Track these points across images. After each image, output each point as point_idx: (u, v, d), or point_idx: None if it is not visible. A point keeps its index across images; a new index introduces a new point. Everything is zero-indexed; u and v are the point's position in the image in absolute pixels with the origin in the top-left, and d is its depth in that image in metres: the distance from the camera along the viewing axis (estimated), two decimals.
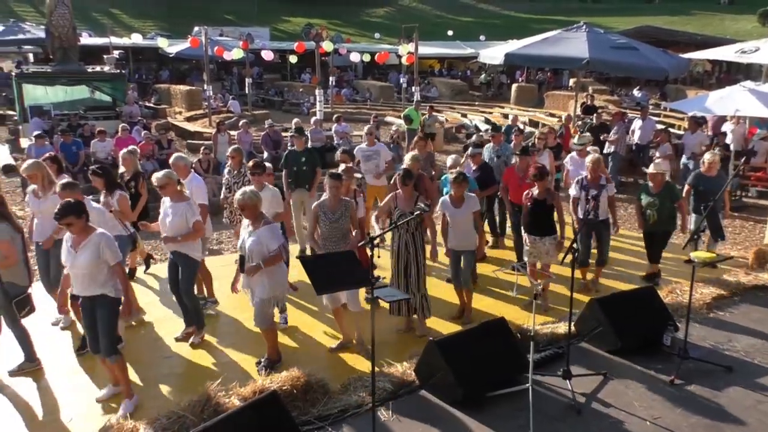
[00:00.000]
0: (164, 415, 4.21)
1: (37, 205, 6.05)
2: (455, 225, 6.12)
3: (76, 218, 4.49)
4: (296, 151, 8.35)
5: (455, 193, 6.10)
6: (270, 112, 23.68)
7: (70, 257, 4.62)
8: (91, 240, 4.59)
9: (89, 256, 4.56)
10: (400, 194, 5.94)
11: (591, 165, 6.86)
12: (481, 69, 33.50)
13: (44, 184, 6.04)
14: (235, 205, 5.29)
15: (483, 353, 4.95)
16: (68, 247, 4.64)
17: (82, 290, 4.69)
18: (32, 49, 27.99)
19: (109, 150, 12.97)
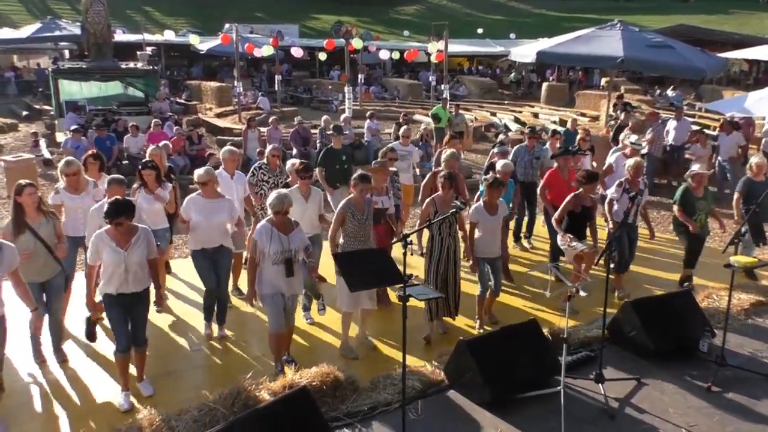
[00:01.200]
0: (195, 407, 4.25)
1: (72, 201, 6.06)
2: (488, 232, 5.89)
3: (126, 218, 4.50)
4: (335, 149, 8.24)
5: (490, 200, 5.87)
6: (299, 110, 23.80)
7: (118, 256, 4.55)
8: (139, 236, 4.63)
9: (142, 252, 4.61)
10: (440, 197, 5.80)
11: (632, 169, 6.66)
12: (511, 67, 33.21)
13: (80, 180, 6.10)
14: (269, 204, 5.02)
15: (513, 354, 4.89)
16: (113, 247, 4.56)
17: (132, 287, 4.65)
18: (68, 45, 28.53)
19: (141, 145, 13.16)
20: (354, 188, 5.58)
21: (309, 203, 6.05)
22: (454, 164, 6.73)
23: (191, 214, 5.70)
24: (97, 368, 5.39)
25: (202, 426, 4.05)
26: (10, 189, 12.04)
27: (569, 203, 6.31)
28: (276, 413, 3.85)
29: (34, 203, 5.15)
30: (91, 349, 5.65)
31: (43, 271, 5.24)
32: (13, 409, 4.72)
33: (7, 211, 10.96)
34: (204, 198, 5.73)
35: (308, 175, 6.10)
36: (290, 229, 5.03)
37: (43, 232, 5.18)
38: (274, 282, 5.00)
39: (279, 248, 4.92)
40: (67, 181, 6.04)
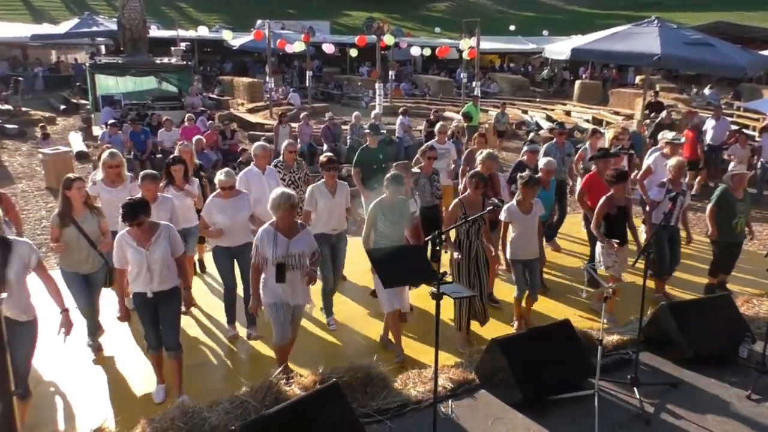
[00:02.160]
0: (227, 399, 4.28)
1: (109, 194, 6.09)
2: (523, 233, 5.72)
3: (146, 216, 4.48)
4: (371, 148, 8.01)
5: (525, 199, 5.69)
6: (329, 106, 23.86)
7: (140, 256, 4.51)
8: (161, 234, 4.57)
9: (164, 250, 4.55)
10: (468, 198, 5.61)
11: (674, 168, 6.47)
12: (543, 65, 32.81)
13: (121, 174, 6.14)
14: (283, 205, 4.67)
15: (546, 355, 4.82)
16: (135, 247, 4.51)
17: (158, 286, 4.59)
18: (104, 41, 29.07)
19: (175, 139, 13.30)
20: (386, 188, 5.46)
21: (336, 197, 5.99)
22: (492, 165, 6.50)
23: (215, 218, 5.66)
24: (134, 361, 5.47)
25: (234, 418, 4.07)
26: (48, 181, 12.34)
27: (603, 207, 6.08)
28: (307, 408, 3.85)
29: (81, 197, 5.22)
30: (128, 343, 5.75)
31: (85, 264, 5.31)
32: (46, 397, 4.81)
33: (45, 202, 11.25)
34: (224, 199, 5.71)
35: (333, 167, 6.04)
36: (295, 233, 4.75)
37: (86, 226, 5.22)
38: (276, 290, 4.73)
39: (276, 253, 4.62)
40: (106, 174, 6.07)
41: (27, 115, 19.83)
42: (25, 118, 19.37)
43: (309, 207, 6.01)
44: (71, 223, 5.16)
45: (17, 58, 31.16)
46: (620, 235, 6.02)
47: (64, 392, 4.99)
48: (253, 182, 6.53)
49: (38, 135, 16.62)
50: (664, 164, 7.18)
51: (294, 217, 4.80)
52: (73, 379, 5.16)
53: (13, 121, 18.27)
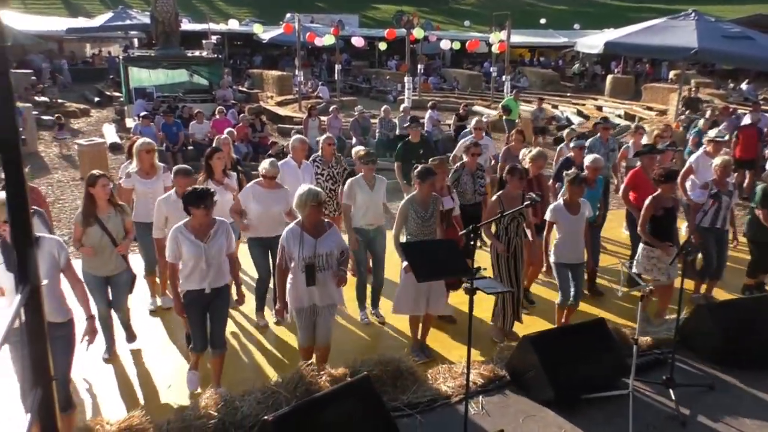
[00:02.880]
0: (259, 389, 4.31)
1: (144, 186, 6.06)
2: (570, 235, 5.47)
3: (212, 203, 4.40)
4: (413, 142, 7.87)
5: (572, 198, 5.43)
6: (357, 99, 23.89)
7: (198, 250, 4.37)
8: (218, 228, 4.47)
9: (221, 245, 4.45)
10: (507, 194, 5.45)
11: (720, 168, 6.20)
12: (574, 59, 32.35)
13: (154, 164, 6.14)
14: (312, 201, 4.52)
15: (579, 353, 4.75)
16: (192, 240, 4.39)
17: (213, 282, 4.48)
18: (137, 34, 29.50)
19: (206, 131, 13.47)
20: (418, 183, 5.26)
21: (375, 192, 5.91)
22: (542, 164, 6.30)
23: (250, 205, 5.64)
24: (165, 355, 5.54)
25: (265, 408, 4.09)
26: (83, 171, 12.56)
27: (649, 207, 5.82)
28: (338, 400, 3.86)
29: (106, 195, 5.01)
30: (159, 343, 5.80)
31: (107, 265, 5.12)
32: (78, 387, 4.90)
33: (80, 193, 11.46)
34: (264, 188, 5.69)
35: (371, 160, 5.95)
36: (322, 231, 4.58)
37: (111, 225, 5.04)
38: (303, 295, 4.56)
39: (303, 253, 4.45)
40: (141, 160, 6.05)
41: (63, 106, 20.24)
42: (62, 109, 19.77)
43: (348, 201, 5.91)
44: (95, 222, 4.98)
45: (53, 51, 31.80)
46: (666, 238, 5.79)
47: (95, 382, 5.06)
48: (288, 175, 6.45)
49: (74, 126, 16.98)
50: (708, 163, 6.86)
51: (321, 216, 4.65)
52: (104, 371, 5.23)
53: (49, 112, 18.65)
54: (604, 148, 7.92)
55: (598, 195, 6.62)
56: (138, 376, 5.17)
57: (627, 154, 8.24)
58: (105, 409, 4.62)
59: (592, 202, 6.23)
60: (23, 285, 3.00)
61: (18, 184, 2.94)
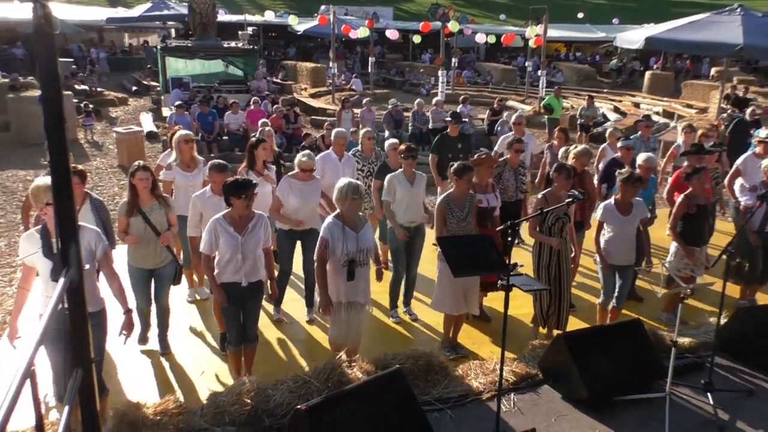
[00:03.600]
0: (291, 378, 4.33)
1: (184, 179, 6.05)
2: (619, 236, 5.31)
3: (253, 194, 4.37)
4: (451, 136, 7.80)
5: (625, 198, 5.28)
6: (390, 92, 23.85)
7: (235, 242, 4.33)
8: (257, 222, 4.45)
9: (259, 239, 4.42)
10: (552, 193, 5.32)
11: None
12: (611, 54, 31.77)
13: (194, 157, 6.14)
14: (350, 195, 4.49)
15: (614, 354, 4.66)
16: (231, 232, 4.36)
17: (249, 277, 4.44)
18: (175, 24, 29.87)
19: (240, 122, 13.59)
20: (456, 180, 5.11)
21: (414, 187, 5.80)
22: (586, 162, 6.17)
23: (290, 199, 5.58)
24: (198, 344, 5.61)
25: (297, 397, 4.11)
26: (120, 159, 12.82)
27: (681, 206, 5.70)
28: (370, 392, 3.86)
29: (146, 187, 4.98)
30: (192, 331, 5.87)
31: (152, 257, 5.11)
32: (113, 375, 5.00)
33: (117, 180, 11.70)
34: (300, 181, 5.64)
35: (411, 155, 5.80)
36: (360, 227, 4.56)
37: (154, 217, 5.01)
38: (339, 289, 4.56)
39: (347, 248, 4.43)
40: (182, 151, 6.04)
41: (102, 95, 20.64)
42: (100, 98, 20.16)
43: (387, 197, 5.80)
44: (138, 213, 4.98)
45: (93, 40, 32.42)
46: (699, 236, 5.68)
47: (130, 369, 5.15)
48: (328, 168, 6.42)
49: (112, 115, 17.30)
50: (756, 165, 6.60)
51: (359, 210, 4.61)
52: (139, 358, 5.31)
53: (89, 101, 19.03)
54: (645, 146, 7.70)
55: (651, 195, 6.42)
56: (171, 364, 5.25)
57: (677, 154, 7.97)
58: (140, 395, 4.70)
59: (646, 202, 6.09)
60: (66, 269, 3.06)
61: (63, 170, 3.00)
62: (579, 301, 6.45)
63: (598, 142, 11.78)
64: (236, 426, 3.90)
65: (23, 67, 23.67)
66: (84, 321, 3.20)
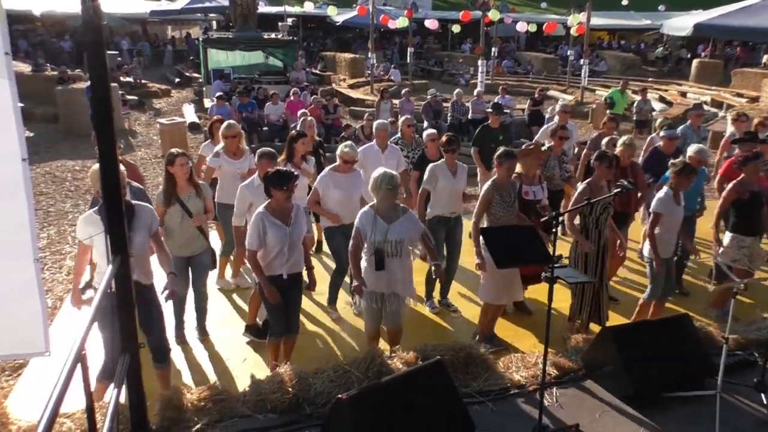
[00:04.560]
0: (331, 367, 4.35)
1: (231, 166, 6.06)
2: (671, 228, 5.16)
3: (294, 188, 4.38)
4: (492, 127, 7.75)
5: (678, 189, 5.13)
6: (429, 82, 23.69)
7: (284, 233, 4.34)
8: (297, 213, 4.45)
9: (302, 228, 4.45)
10: (595, 182, 5.18)
11: None
12: (657, 42, 30.88)
13: (240, 146, 6.15)
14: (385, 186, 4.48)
15: (662, 349, 4.53)
16: (278, 224, 4.36)
17: (291, 268, 4.47)
18: (216, 16, 30.26)
19: (280, 113, 13.69)
20: (498, 167, 5.08)
21: (456, 178, 5.74)
22: (631, 153, 6.03)
23: (331, 192, 5.52)
24: (239, 333, 5.66)
25: (337, 386, 4.12)
26: (164, 149, 13.06)
27: (732, 192, 5.50)
28: (410, 383, 3.84)
29: (185, 174, 5.00)
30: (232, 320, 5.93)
31: (189, 245, 5.14)
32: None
33: (162, 170, 11.93)
34: (341, 173, 5.59)
35: (452, 149, 5.71)
36: (395, 217, 4.53)
37: (191, 205, 5.04)
38: (371, 278, 4.55)
39: (374, 238, 4.44)
40: (226, 144, 6.07)
41: (146, 87, 21.07)
42: (144, 90, 20.58)
43: (428, 186, 5.75)
44: (176, 201, 5.00)
45: (137, 33, 33.10)
46: (753, 225, 5.46)
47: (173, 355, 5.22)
48: (370, 160, 6.36)
49: (156, 106, 17.66)
50: None
51: (395, 200, 4.59)
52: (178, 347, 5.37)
53: (133, 92, 19.47)
54: (696, 136, 7.47)
55: (701, 187, 6.23)
56: (213, 352, 5.34)
57: (730, 143, 7.69)
58: (180, 380, 4.80)
59: (694, 194, 5.90)
60: (114, 255, 3.13)
61: (111, 159, 3.05)
62: (618, 296, 6.31)
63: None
64: (277, 413, 3.93)
65: (71, 60, 24.35)
66: (131, 306, 3.27)
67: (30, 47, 25.27)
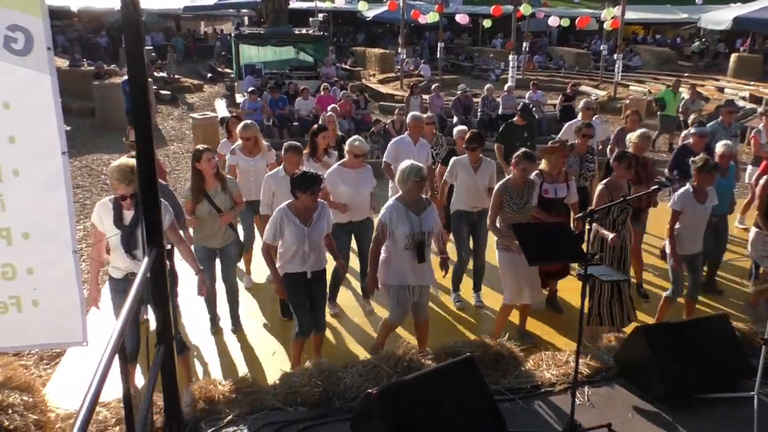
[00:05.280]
0: (360, 362, 4.37)
1: (246, 164, 6.12)
2: (692, 225, 5.10)
3: (319, 191, 4.39)
4: (517, 125, 7.69)
5: (701, 186, 5.07)
6: (459, 78, 23.55)
7: (301, 233, 4.37)
8: (321, 212, 4.47)
9: (323, 228, 4.45)
10: (613, 183, 5.10)
11: None
12: (694, 36, 30.16)
13: (257, 144, 6.17)
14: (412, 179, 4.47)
15: (698, 349, 4.42)
16: (297, 224, 4.39)
17: (313, 266, 4.51)
18: (248, 12, 30.56)
19: (311, 108, 13.77)
20: (514, 166, 5.01)
21: (478, 175, 5.72)
22: (645, 146, 5.93)
23: (339, 188, 5.49)
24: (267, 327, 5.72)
25: (367, 381, 4.13)
26: (196, 143, 13.23)
27: (765, 188, 5.38)
28: (441, 378, 3.83)
29: (212, 169, 5.07)
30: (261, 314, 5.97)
31: (217, 237, 5.22)
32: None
33: None
34: (350, 168, 5.52)
35: (473, 147, 5.68)
36: (422, 209, 4.54)
37: (218, 199, 5.11)
38: (402, 271, 4.53)
39: (409, 230, 4.42)
40: (244, 144, 6.11)
41: (179, 82, 21.38)
42: (177, 85, 20.88)
43: (449, 178, 5.81)
44: (204, 197, 5.06)
45: (171, 29, 33.59)
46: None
47: (203, 349, 5.34)
48: (402, 152, 6.32)
49: (187, 101, 17.89)
50: None
51: (421, 192, 4.59)
52: (210, 339, 5.47)
53: (166, 87, 19.77)
54: (726, 133, 7.25)
55: (731, 185, 6.10)
56: (244, 344, 5.40)
57: (759, 140, 7.49)
58: (215, 374, 4.88)
59: (726, 192, 5.77)
60: (150, 249, 3.18)
61: (148, 155, 3.10)
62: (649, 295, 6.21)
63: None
64: (307, 407, 3.96)
65: (107, 55, 24.82)
66: (166, 298, 3.32)
67: (67, 42, 25.82)
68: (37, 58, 2.66)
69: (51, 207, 2.87)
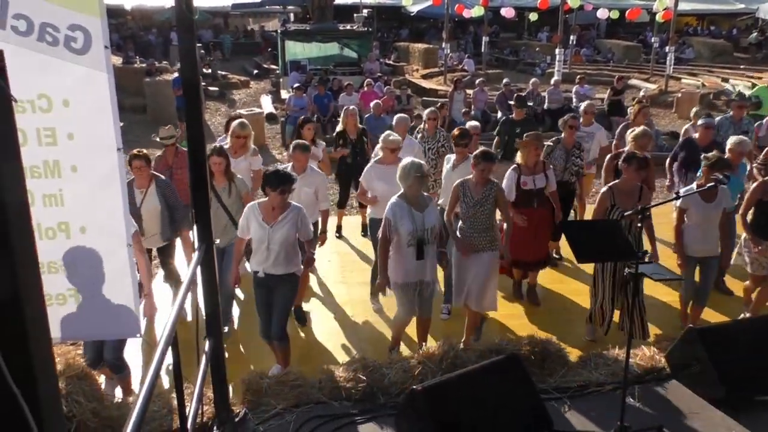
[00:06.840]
0: (404, 359, 4.38)
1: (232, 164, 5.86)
2: (699, 223, 4.94)
3: (288, 190, 4.30)
4: (514, 120, 7.58)
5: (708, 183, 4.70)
6: (503, 72, 23.24)
7: (262, 232, 4.33)
8: (289, 215, 4.36)
9: (287, 232, 4.34)
10: (619, 186, 4.90)
11: None
12: (751, 27, 28.97)
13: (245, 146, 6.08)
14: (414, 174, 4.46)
15: (754, 350, 4.26)
16: (259, 221, 4.36)
17: (272, 267, 4.39)
18: (294, 9, 30.83)
19: (354, 103, 13.79)
20: (473, 166, 4.85)
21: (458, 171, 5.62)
22: (646, 144, 5.62)
23: (374, 184, 5.46)
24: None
25: (411, 377, 4.14)
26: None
27: (755, 192, 5.05)
28: (486, 376, 3.80)
29: (220, 168, 5.12)
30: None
31: (223, 236, 5.17)
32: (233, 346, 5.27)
33: None
34: (385, 165, 5.49)
35: (462, 143, 5.63)
36: (424, 205, 4.53)
37: (226, 196, 5.13)
38: (406, 268, 4.53)
39: (412, 227, 4.42)
40: (232, 143, 6.01)
41: (226, 78, 21.76)
42: (225, 81, 21.25)
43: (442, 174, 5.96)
44: (212, 191, 4.96)
45: (219, 26, 34.20)
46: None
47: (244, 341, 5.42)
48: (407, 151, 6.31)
49: (234, 97, 18.20)
50: None
51: (422, 189, 4.58)
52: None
53: (214, 84, 20.14)
54: (734, 128, 6.84)
55: (741, 182, 5.84)
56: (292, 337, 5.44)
57: (759, 133, 7.09)
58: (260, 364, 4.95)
59: (736, 190, 5.55)
60: (200, 243, 3.25)
61: (199, 151, 3.16)
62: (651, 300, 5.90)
63: None
64: (352, 401, 3.99)
65: (158, 53, 25.45)
66: (215, 291, 3.39)
67: (121, 40, 26.58)
68: (95, 57, 2.74)
69: (106, 202, 2.96)
